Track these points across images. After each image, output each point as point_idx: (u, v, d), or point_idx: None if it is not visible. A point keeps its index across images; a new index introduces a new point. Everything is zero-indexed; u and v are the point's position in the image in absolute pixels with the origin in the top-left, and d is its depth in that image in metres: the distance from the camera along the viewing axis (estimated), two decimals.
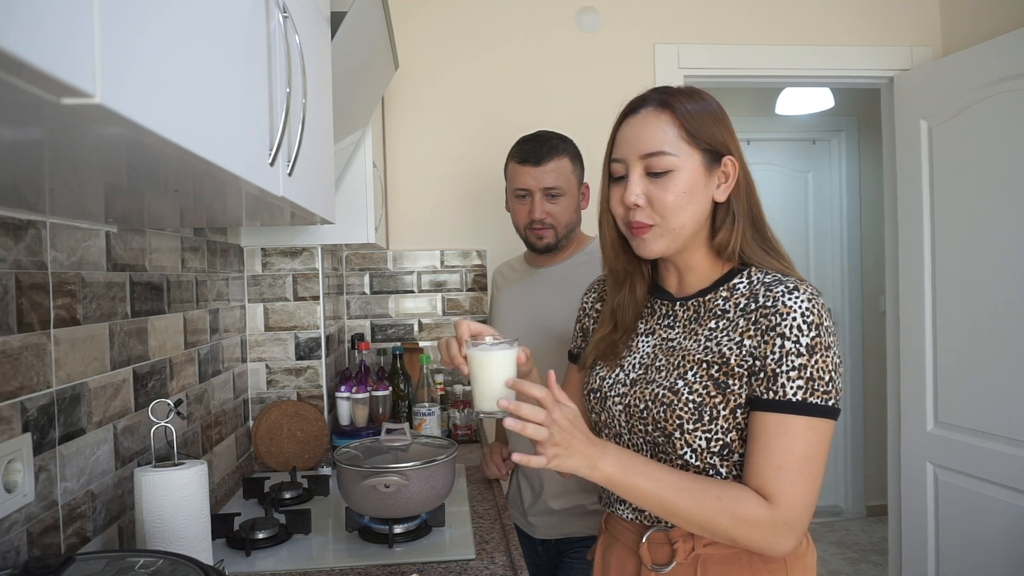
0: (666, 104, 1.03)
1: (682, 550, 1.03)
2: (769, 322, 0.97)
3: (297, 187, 0.98)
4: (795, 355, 0.95)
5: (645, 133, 1.02)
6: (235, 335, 1.90)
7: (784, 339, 0.95)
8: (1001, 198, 2.21)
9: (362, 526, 1.40)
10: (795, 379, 0.94)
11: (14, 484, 0.91)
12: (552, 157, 1.66)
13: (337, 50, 1.28)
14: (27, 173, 0.70)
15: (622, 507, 1.11)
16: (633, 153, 1.03)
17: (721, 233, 1.05)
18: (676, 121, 1.02)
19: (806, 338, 0.95)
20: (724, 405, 0.99)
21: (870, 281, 4.11)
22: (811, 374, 0.95)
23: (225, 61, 0.66)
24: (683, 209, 1.01)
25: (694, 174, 1.02)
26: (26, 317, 0.95)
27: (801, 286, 0.98)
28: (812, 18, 2.66)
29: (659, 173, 1.01)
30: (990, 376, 2.24)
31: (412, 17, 2.53)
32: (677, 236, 1.03)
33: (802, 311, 0.96)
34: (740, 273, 1.05)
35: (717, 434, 1.00)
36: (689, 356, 1.03)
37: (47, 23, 0.35)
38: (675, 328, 1.08)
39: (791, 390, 0.94)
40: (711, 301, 1.06)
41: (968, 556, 2.32)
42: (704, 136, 1.02)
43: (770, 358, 0.96)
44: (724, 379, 0.99)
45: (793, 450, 0.94)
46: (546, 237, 1.68)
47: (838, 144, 4.18)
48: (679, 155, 1.01)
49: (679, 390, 1.01)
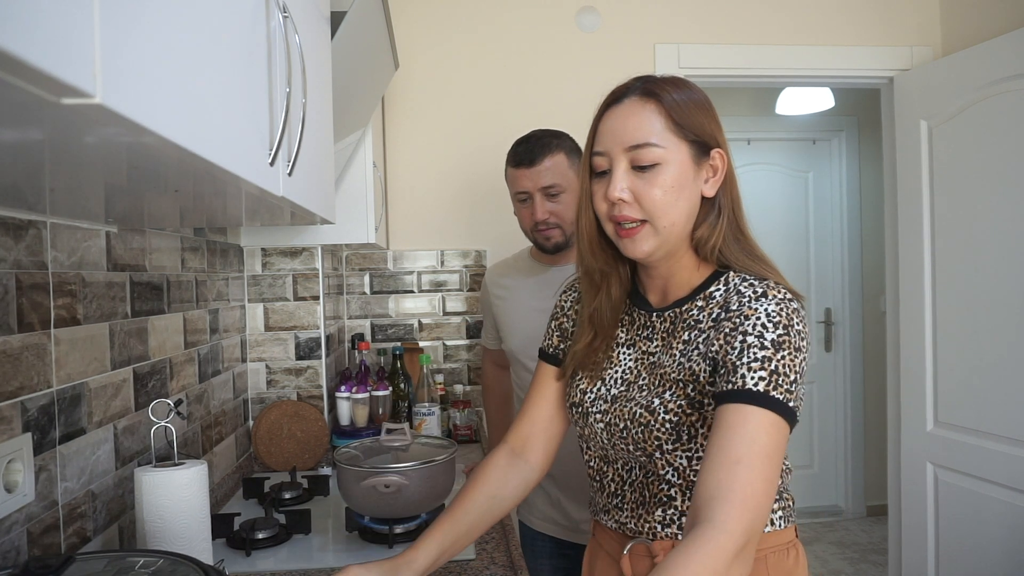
0: (651, 93, 0.96)
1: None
2: (733, 324, 0.92)
3: (297, 187, 0.98)
4: (758, 348, 0.88)
5: (630, 124, 0.96)
6: (235, 335, 1.90)
7: (746, 335, 0.90)
8: (1001, 198, 2.21)
9: (362, 526, 1.40)
10: (757, 370, 0.87)
11: (14, 484, 0.91)
12: (545, 155, 1.64)
13: (337, 50, 1.29)
14: (27, 173, 0.70)
15: (605, 516, 1.09)
16: (617, 145, 0.96)
17: (703, 228, 0.98)
18: (662, 111, 0.95)
19: (771, 334, 0.89)
20: (701, 423, 0.95)
21: (870, 281, 4.11)
22: (775, 367, 0.87)
23: (225, 61, 0.66)
24: (672, 205, 0.95)
25: (682, 167, 0.95)
26: (26, 317, 0.95)
27: (771, 292, 0.93)
28: (812, 18, 2.66)
29: (645, 167, 0.94)
30: (990, 376, 2.24)
31: (412, 17, 2.53)
32: (667, 235, 0.96)
33: (767, 312, 0.90)
34: (718, 279, 1.00)
35: (698, 452, 0.96)
36: (666, 375, 0.98)
37: (47, 23, 0.35)
38: (654, 340, 1.04)
39: (752, 380, 0.86)
40: (687, 312, 1.00)
41: (968, 556, 2.32)
42: (692, 127, 0.95)
43: (731, 354, 0.90)
44: (699, 397, 0.94)
45: (756, 443, 0.83)
46: (553, 237, 1.66)
47: (838, 144, 4.18)
48: (666, 147, 0.94)
49: (655, 410, 0.97)
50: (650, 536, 1.02)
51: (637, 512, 1.03)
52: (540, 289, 1.72)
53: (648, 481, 1.02)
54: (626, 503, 1.05)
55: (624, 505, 1.05)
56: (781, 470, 0.92)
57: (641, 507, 1.03)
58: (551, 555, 1.72)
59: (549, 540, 1.73)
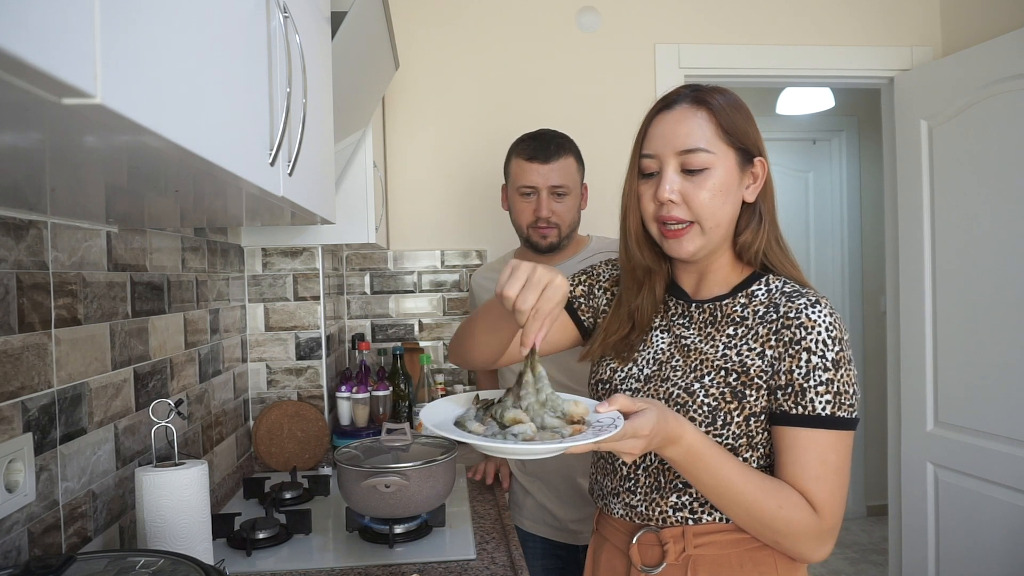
0: (702, 101, 1.02)
1: (672, 551, 1.02)
2: (793, 335, 0.97)
3: (297, 187, 0.98)
4: (822, 370, 0.96)
5: (682, 129, 1.01)
6: (235, 335, 1.90)
7: (810, 354, 0.96)
8: (1001, 198, 2.21)
9: (362, 526, 1.40)
10: (823, 394, 0.95)
11: (15, 484, 0.91)
12: (560, 155, 1.65)
13: (337, 50, 1.29)
14: (28, 173, 0.70)
15: (614, 500, 1.09)
16: (668, 149, 1.01)
17: (746, 234, 1.04)
18: (712, 118, 1.01)
19: (831, 352, 0.96)
20: (739, 412, 0.99)
21: (870, 281, 4.11)
22: (838, 388, 0.96)
23: (226, 61, 0.66)
24: (718, 208, 1.00)
25: (729, 173, 1.01)
26: (27, 317, 0.95)
27: (822, 300, 0.99)
28: (812, 18, 2.66)
29: (694, 170, 1.00)
30: (990, 376, 2.24)
31: (412, 17, 2.53)
32: (712, 236, 1.02)
33: (826, 325, 0.97)
34: (758, 280, 1.05)
35: (727, 439, 1.00)
36: (707, 360, 1.02)
37: (48, 23, 0.35)
38: (690, 328, 1.08)
39: (820, 405, 0.95)
40: (728, 307, 1.05)
41: (968, 556, 2.32)
42: (738, 135, 1.01)
43: (797, 372, 0.96)
44: (742, 388, 0.99)
45: (828, 461, 0.95)
46: (550, 236, 1.67)
47: (838, 144, 4.18)
48: (715, 153, 1.00)
49: (695, 392, 1.00)
50: (659, 523, 1.03)
51: (650, 497, 1.04)
52: None
53: (664, 467, 1.03)
54: (639, 487, 1.06)
55: (637, 489, 1.06)
56: (849, 472, 1.00)
57: (655, 492, 1.04)
58: (543, 555, 1.73)
59: (540, 541, 1.73)
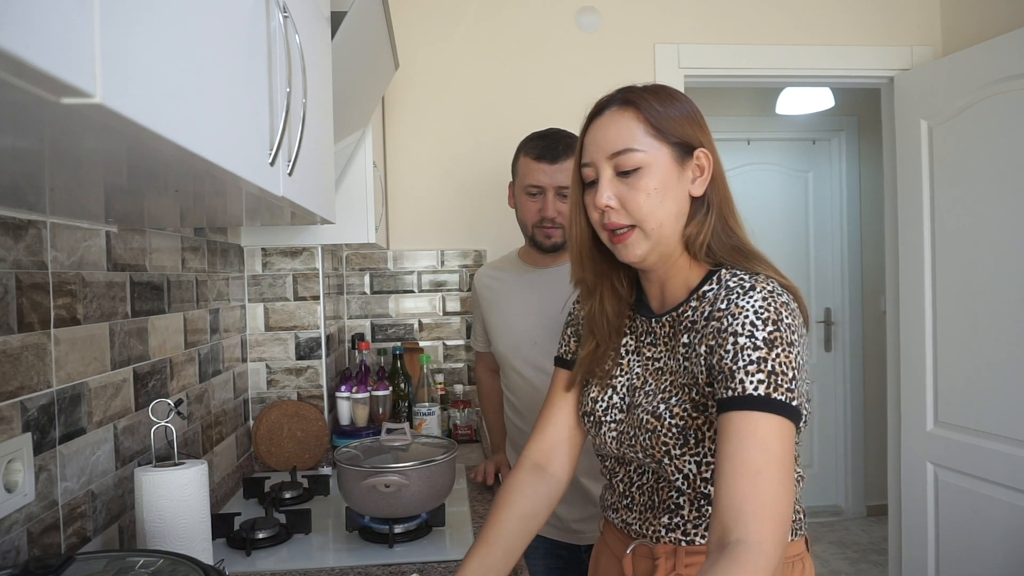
0: (629, 102, 0.99)
1: (663, 567, 1.01)
2: (720, 324, 0.92)
3: (297, 187, 0.98)
4: (751, 349, 0.87)
5: (611, 132, 0.99)
6: (235, 335, 1.90)
7: (737, 336, 0.89)
8: (1001, 198, 2.21)
9: (362, 526, 1.40)
10: (754, 372, 0.86)
11: (14, 484, 0.91)
12: (568, 156, 1.64)
13: (337, 50, 1.28)
14: (27, 173, 0.70)
15: (613, 514, 1.10)
16: (601, 154, 0.99)
17: (691, 225, 1.00)
18: (640, 116, 0.98)
19: (762, 332, 0.88)
20: (708, 426, 0.95)
21: (870, 281, 4.11)
22: (772, 368, 0.86)
23: (225, 61, 0.66)
24: (657, 207, 0.97)
25: (665, 169, 0.97)
26: (26, 317, 0.95)
27: (759, 285, 0.93)
28: (812, 18, 2.66)
29: (628, 172, 0.97)
30: (990, 376, 2.24)
31: (412, 17, 2.53)
32: (657, 237, 0.98)
33: (755, 308, 0.90)
34: (711, 278, 1.00)
35: (707, 457, 0.96)
36: (674, 379, 0.99)
37: (47, 23, 0.35)
38: (657, 346, 1.04)
39: (751, 384, 0.86)
40: (683, 314, 1.01)
41: (968, 556, 2.32)
42: (671, 129, 0.98)
43: (725, 357, 0.89)
44: (702, 400, 0.95)
45: (771, 451, 0.83)
46: (554, 236, 1.67)
47: (838, 144, 4.18)
48: (647, 151, 0.97)
49: (661, 415, 0.98)
50: (654, 539, 1.03)
51: (644, 516, 1.04)
52: (529, 291, 1.73)
53: (659, 487, 1.02)
54: (635, 505, 1.06)
55: (633, 507, 1.06)
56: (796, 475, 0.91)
57: (649, 511, 1.04)
58: (544, 555, 1.73)
59: (542, 540, 1.73)
